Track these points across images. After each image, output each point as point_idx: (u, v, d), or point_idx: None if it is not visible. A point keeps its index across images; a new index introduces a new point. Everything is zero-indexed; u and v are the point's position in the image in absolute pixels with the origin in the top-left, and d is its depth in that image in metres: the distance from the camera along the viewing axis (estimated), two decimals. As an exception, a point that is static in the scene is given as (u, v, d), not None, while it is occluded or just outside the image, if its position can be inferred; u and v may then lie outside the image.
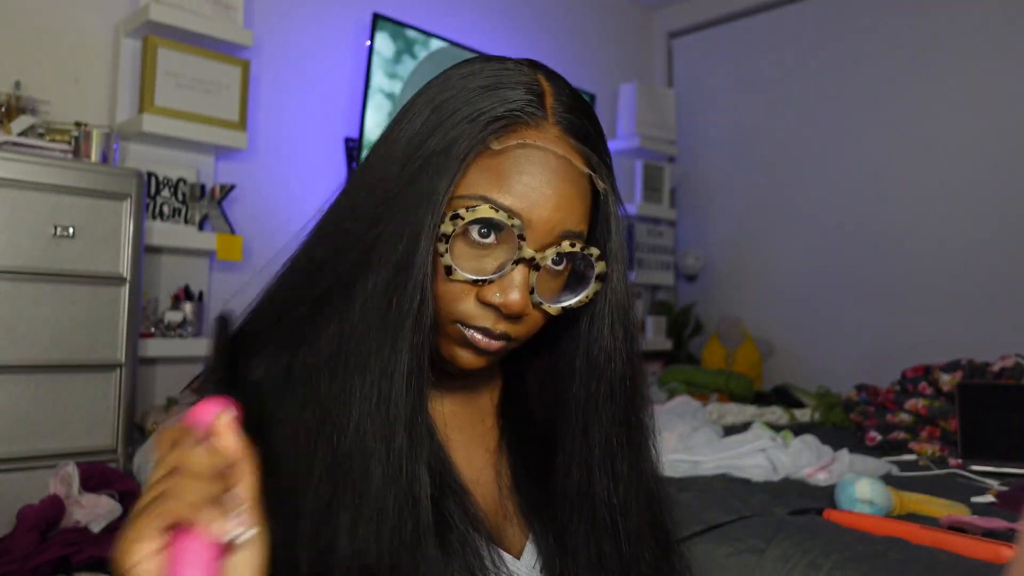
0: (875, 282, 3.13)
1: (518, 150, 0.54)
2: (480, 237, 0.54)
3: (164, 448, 0.41)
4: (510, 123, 0.54)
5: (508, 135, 0.54)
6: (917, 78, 3.07)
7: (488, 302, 0.55)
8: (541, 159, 0.54)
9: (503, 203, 0.54)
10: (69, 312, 1.79)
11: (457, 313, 0.55)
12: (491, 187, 0.54)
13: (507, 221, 0.53)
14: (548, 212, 0.54)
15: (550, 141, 0.55)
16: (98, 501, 1.61)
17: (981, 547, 1.07)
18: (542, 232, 0.54)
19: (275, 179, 2.53)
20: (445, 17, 3.05)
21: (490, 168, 0.54)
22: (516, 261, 0.54)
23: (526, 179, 0.54)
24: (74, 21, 2.18)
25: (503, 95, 0.55)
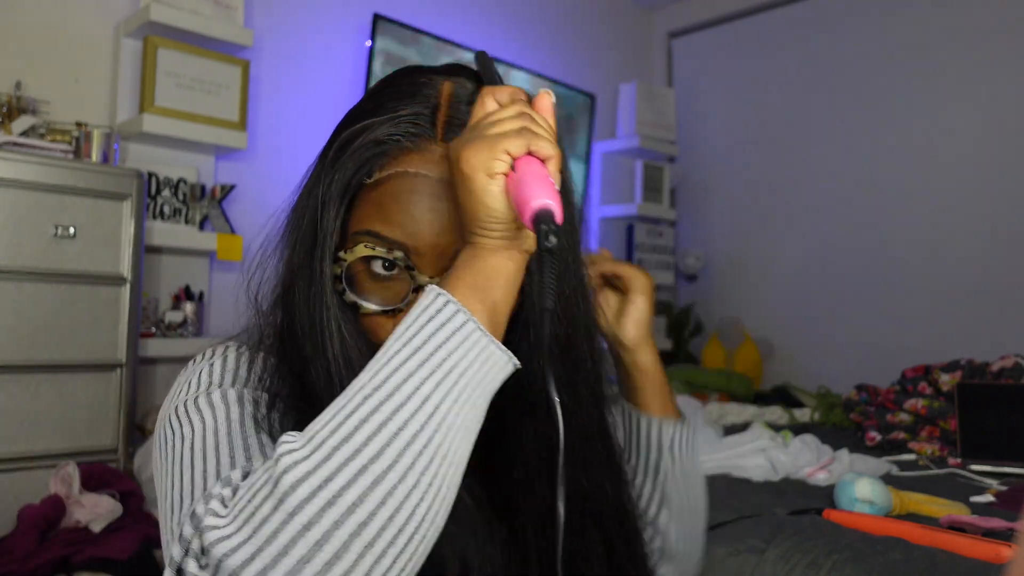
0: (875, 282, 3.13)
1: (396, 179, 0.55)
2: (382, 270, 0.56)
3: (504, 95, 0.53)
4: (388, 149, 0.55)
5: (387, 164, 0.56)
6: (917, 78, 3.07)
7: None
8: (420, 185, 0.55)
9: (387, 235, 0.55)
10: (69, 312, 1.79)
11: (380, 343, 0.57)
12: (376, 221, 0.55)
13: (387, 256, 0.55)
14: (433, 237, 0.55)
15: (431, 164, 0.55)
16: (98, 501, 1.61)
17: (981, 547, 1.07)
18: (433, 256, 0.55)
19: (275, 179, 2.53)
20: (445, 17, 3.05)
21: (373, 201, 0.56)
22: (415, 289, 0.56)
23: (406, 208, 0.55)
24: (74, 21, 2.18)
25: (392, 116, 0.56)
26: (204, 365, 0.59)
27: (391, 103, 0.57)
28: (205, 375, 0.57)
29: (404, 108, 0.56)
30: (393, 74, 0.62)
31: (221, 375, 0.57)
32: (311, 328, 0.57)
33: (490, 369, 0.47)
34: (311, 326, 0.57)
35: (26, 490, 1.68)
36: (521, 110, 0.51)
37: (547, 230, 0.46)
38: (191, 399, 0.55)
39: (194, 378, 0.58)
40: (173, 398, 0.57)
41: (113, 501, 1.63)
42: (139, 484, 1.80)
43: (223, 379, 0.57)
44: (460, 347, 0.46)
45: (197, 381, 0.57)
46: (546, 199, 0.47)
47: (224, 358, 0.59)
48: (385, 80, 0.62)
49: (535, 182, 0.48)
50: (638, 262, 3.53)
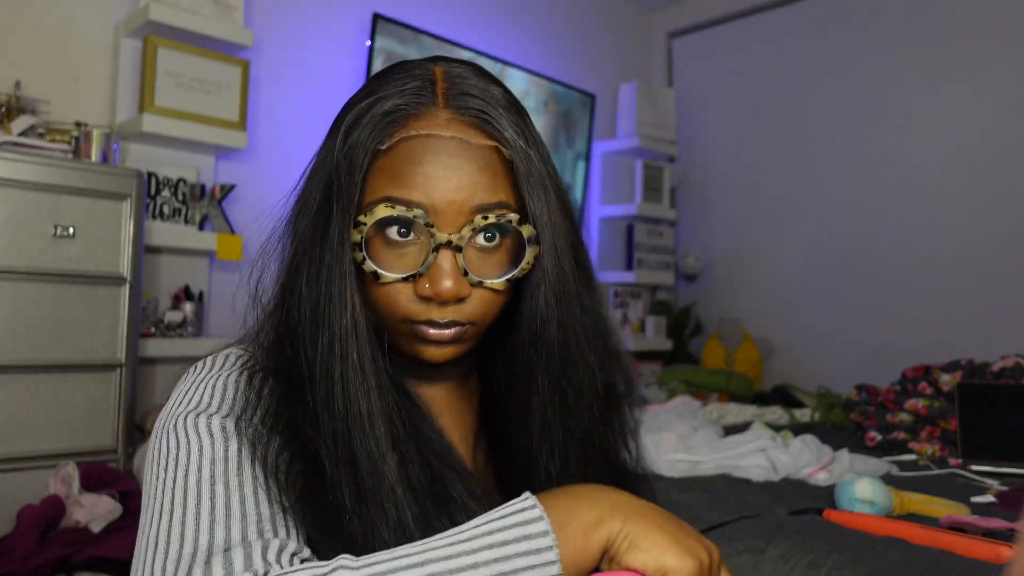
0: (875, 282, 3.13)
1: (405, 143, 0.56)
2: (398, 236, 0.56)
3: None
4: (397, 118, 0.56)
5: (397, 130, 0.56)
6: (917, 78, 3.07)
7: (422, 295, 0.56)
8: (431, 145, 0.55)
9: (404, 197, 0.55)
10: (69, 312, 1.79)
11: (400, 313, 0.57)
12: (390, 186, 0.56)
13: (407, 214, 0.55)
14: (450, 194, 0.55)
15: (438, 126, 0.56)
16: (98, 501, 1.61)
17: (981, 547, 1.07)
18: (451, 214, 0.55)
19: (275, 179, 2.53)
20: (445, 17, 3.05)
21: (385, 168, 0.56)
22: (435, 249, 0.56)
23: (419, 168, 0.55)
24: (74, 21, 2.18)
25: (394, 92, 0.57)
26: (206, 384, 0.58)
27: (389, 84, 0.58)
28: (206, 396, 0.57)
29: (404, 83, 0.58)
30: (384, 68, 0.63)
31: (220, 400, 0.57)
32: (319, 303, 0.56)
33: None
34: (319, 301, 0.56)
35: (26, 490, 1.68)
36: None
37: None
38: (193, 416, 0.55)
39: (195, 395, 0.57)
40: (172, 408, 0.57)
41: (113, 501, 1.63)
42: (139, 484, 1.80)
43: (221, 405, 0.56)
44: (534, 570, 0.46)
45: (198, 400, 0.57)
46: None
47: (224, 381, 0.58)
48: (378, 72, 0.63)
49: None
50: (638, 262, 3.53)
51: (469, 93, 0.58)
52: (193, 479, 0.51)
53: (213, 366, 0.60)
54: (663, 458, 1.63)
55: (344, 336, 0.55)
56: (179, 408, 0.56)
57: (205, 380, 0.58)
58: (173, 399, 0.58)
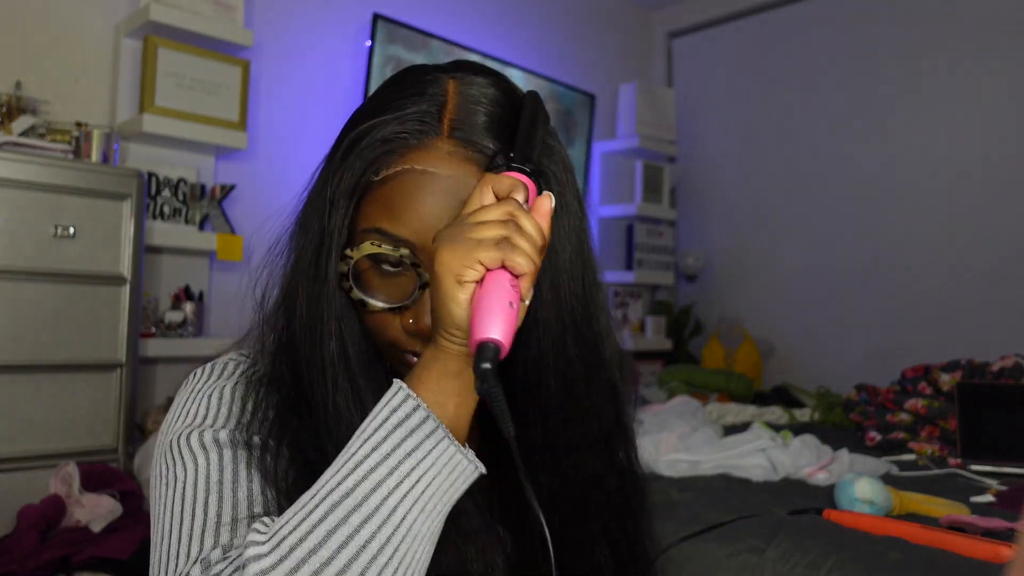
0: (875, 282, 3.13)
1: (402, 176, 0.54)
2: (390, 265, 0.56)
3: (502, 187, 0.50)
4: (396, 147, 0.55)
5: (394, 161, 0.55)
6: (918, 78, 3.07)
7: (407, 329, 0.56)
8: (425, 183, 0.54)
9: (393, 233, 0.54)
10: (69, 312, 1.79)
11: (387, 340, 0.58)
12: (383, 218, 0.55)
13: (393, 254, 0.54)
14: None
15: (437, 161, 0.54)
16: (98, 501, 1.61)
17: (981, 547, 1.07)
18: None
19: (275, 179, 2.53)
20: (445, 17, 3.05)
21: (379, 198, 0.55)
22: (421, 287, 0.55)
23: (412, 205, 0.54)
24: (74, 21, 2.18)
25: (398, 115, 0.55)
26: (203, 396, 0.58)
27: (397, 102, 0.56)
28: (202, 408, 0.57)
29: (410, 106, 0.55)
30: (399, 73, 0.61)
31: (216, 412, 0.57)
32: (310, 327, 0.57)
33: (457, 478, 0.48)
34: (311, 324, 0.57)
35: (26, 490, 1.68)
36: (510, 213, 0.49)
37: (483, 370, 0.45)
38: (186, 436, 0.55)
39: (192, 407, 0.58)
40: (170, 425, 0.58)
41: (113, 501, 1.63)
42: (139, 484, 1.80)
43: (216, 418, 0.57)
44: (428, 456, 0.46)
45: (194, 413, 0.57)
46: (493, 332, 0.45)
47: (221, 392, 0.59)
48: (390, 79, 0.61)
49: (493, 307, 0.46)
50: (638, 262, 3.54)
51: (477, 122, 0.55)
52: (189, 495, 0.52)
53: (211, 375, 0.60)
54: (663, 458, 1.63)
55: (333, 367, 0.56)
56: (176, 424, 0.57)
57: (202, 392, 0.59)
58: (172, 413, 0.59)
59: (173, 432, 0.56)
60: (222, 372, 0.61)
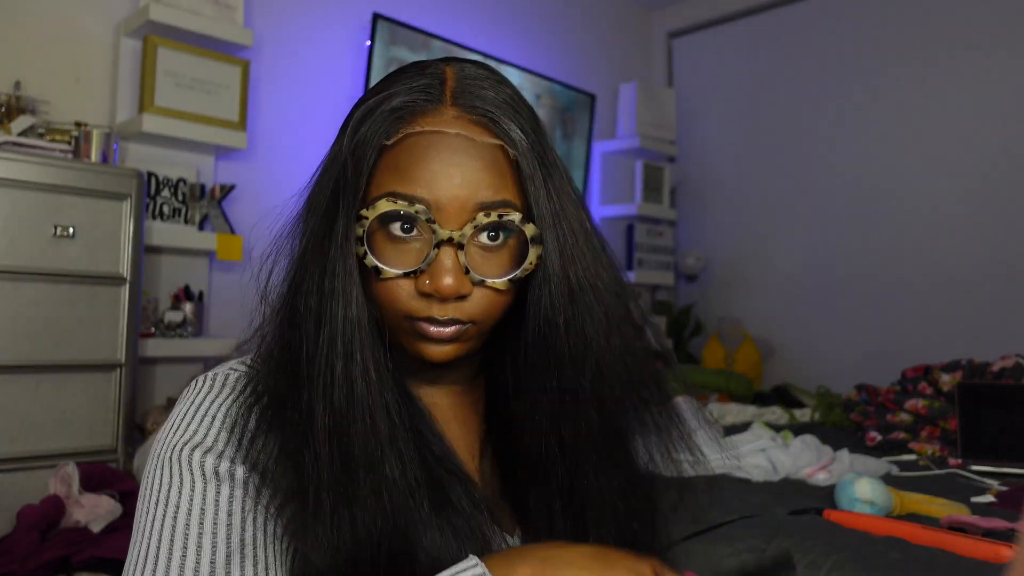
0: (875, 282, 3.13)
1: (411, 139, 0.56)
2: (401, 232, 0.56)
3: None
4: (404, 115, 0.56)
5: (403, 126, 0.56)
6: (918, 78, 3.07)
7: (423, 292, 0.56)
8: (436, 142, 0.55)
9: (407, 192, 0.55)
10: (69, 312, 1.79)
11: (401, 309, 0.57)
12: (395, 182, 0.56)
13: (409, 209, 0.55)
14: (453, 190, 0.55)
15: (444, 123, 0.56)
16: (98, 501, 1.61)
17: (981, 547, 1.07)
18: (453, 211, 0.55)
19: (275, 179, 2.53)
20: (445, 17, 3.05)
21: (390, 164, 0.56)
22: (436, 245, 0.55)
23: (424, 164, 0.55)
24: (74, 21, 2.18)
25: (403, 90, 0.57)
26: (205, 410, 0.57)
27: (398, 83, 0.59)
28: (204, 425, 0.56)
29: (413, 83, 0.58)
30: (397, 68, 0.63)
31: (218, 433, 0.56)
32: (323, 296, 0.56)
33: None
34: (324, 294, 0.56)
35: (26, 490, 1.68)
36: None
37: None
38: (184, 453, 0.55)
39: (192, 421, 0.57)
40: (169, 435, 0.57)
41: (113, 501, 1.63)
42: (139, 484, 1.79)
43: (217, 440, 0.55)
44: None
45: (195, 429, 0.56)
46: None
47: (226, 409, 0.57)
48: (390, 72, 0.63)
49: None
50: (638, 262, 3.53)
51: (477, 93, 0.58)
52: (181, 526, 0.52)
53: (212, 387, 0.59)
54: None
55: (347, 331, 0.55)
56: (175, 436, 0.56)
57: (203, 405, 0.58)
58: (171, 422, 0.58)
59: (172, 443, 0.56)
60: (223, 386, 0.59)
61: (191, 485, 0.53)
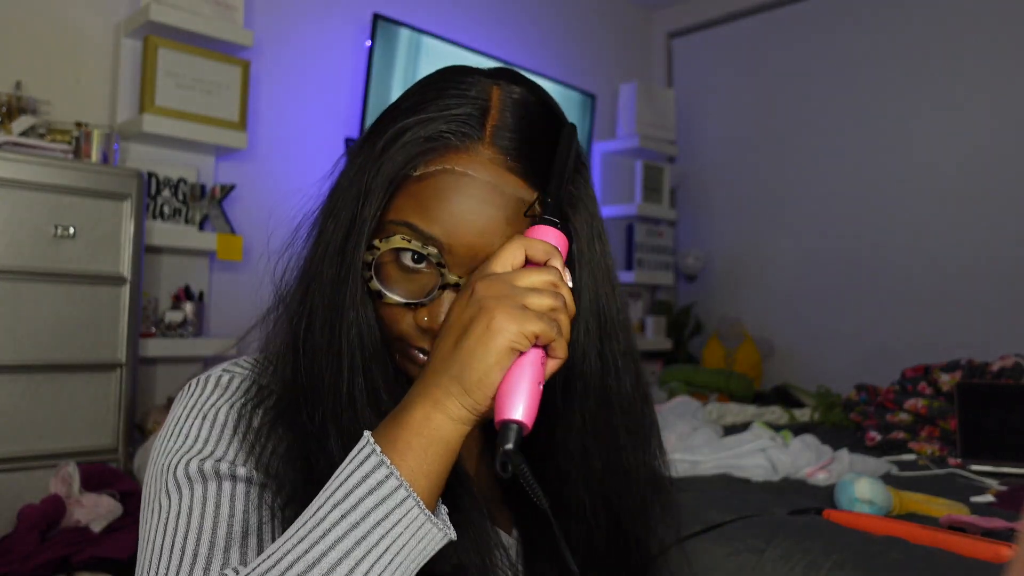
0: (875, 282, 3.13)
1: (441, 176, 0.54)
2: (412, 261, 0.56)
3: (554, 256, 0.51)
4: (437, 147, 0.55)
5: (434, 160, 0.55)
6: (917, 78, 3.07)
7: (420, 325, 0.56)
8: (464, 185, 0.54)
9: (424, 230, 0.54)
10: (69, 312, 1.79)
11: (397, 333, 0.57)
12: (415, 213, 0.55)
13: (421, 250, 0.54)
14: (471, 238, 0.54)
15: (478, 166, 0.54)
16: (98, 501, 1.61)
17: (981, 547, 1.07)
18: (466, 257, 0.55)
19: (275, 179, 2.53)
20: (445, 17, 3.05)
21: (415, 194, 0.55)
22: (442, 287, 0.55)
23: (446, 206, 0.54)
24: (74, 21, 2.18)
25: (443, 114, 0.55)
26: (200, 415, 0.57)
27: (439, 100, 0.57)
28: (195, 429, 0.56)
29: (454, 108, 0.56)
30: (438, 72, 0.61)
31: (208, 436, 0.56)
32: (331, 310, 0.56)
33: (426, 545, 0.47)
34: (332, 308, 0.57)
35: (26, 490, 1.68)
36: (556, 286, 0.50)
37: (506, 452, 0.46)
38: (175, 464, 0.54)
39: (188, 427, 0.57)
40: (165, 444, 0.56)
41: (113, 501, 1.63)
42: (139, 484, 1.80)
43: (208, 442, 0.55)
44: (397, 526, 0.46)
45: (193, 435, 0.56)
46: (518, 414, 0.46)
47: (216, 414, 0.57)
48: (430, 78, 0.61)
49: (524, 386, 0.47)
50: (638, 262, 3.53)
51: (519, 129, 0.56)
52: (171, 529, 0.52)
53: (205, 389, 0.59)
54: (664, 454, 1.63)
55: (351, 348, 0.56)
56: (169, 444, 0.56)
57: (199, 409, 0.58)
58: (167, 428, 0.58)
59: (165, 454, 0.56)
60: (215, 387, 0.59)
61: (179, 492, 0.53)
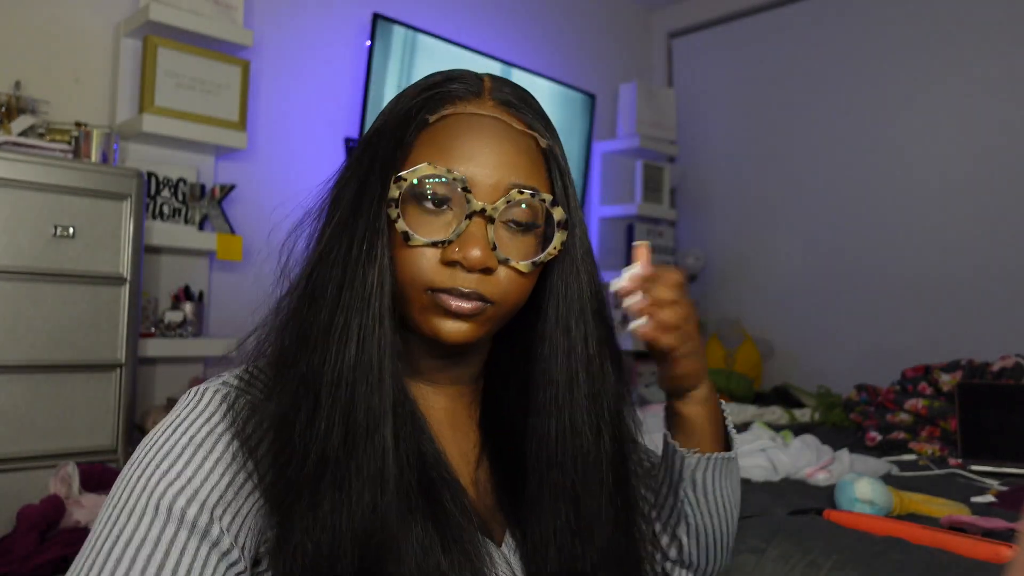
0: (875, 282, 3.13)
1: (452, 119, 0.59)
2: (432, 205, 0.57)
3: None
4: (445, 96, 0.60)
5: (443, 106, 0.59)
6: (917, 78, 3.07)
7: (450, 260, 0.56)
8: (477, 123, 0.59)
9: (445, 167, 0.57)
10: (69, 312, 1.79)
11: (424, 279, 0.57)
12: (432, 156, 0.58)
13: (447, 176, 0.56)
14: (489, 168, 0.57)
15: (484, 109, 0.60)
16: (98, 501, 1.61)
17: (981, 547, 1.06)
18: (488, 187, 0.57)
19: (275, 179, 2.53)
20: (445, 17, 3.05)
21: (429, 141, 0.58)
22: (468, 216, 0.56)
23: (462, 141, 0.58)
24: (74, 21, 2.18)
25: (443, 80, 0.61)
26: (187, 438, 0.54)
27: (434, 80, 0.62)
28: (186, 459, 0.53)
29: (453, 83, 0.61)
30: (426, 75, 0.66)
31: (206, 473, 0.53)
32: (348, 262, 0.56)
33: None
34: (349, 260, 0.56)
35: (26, 490, 1.68)
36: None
37: None
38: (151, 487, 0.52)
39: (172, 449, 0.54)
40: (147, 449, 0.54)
41: (113, 501, 1.63)
42: (139, 484, 1.79)
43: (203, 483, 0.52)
44: None
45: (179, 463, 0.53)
46: None
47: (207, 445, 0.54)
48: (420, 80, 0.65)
49: None
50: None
51: (513, 96, 0.62)
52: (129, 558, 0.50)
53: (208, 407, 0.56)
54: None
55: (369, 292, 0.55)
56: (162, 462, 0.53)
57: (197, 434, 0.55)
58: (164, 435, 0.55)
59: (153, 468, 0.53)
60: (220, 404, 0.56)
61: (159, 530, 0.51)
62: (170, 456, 0.53)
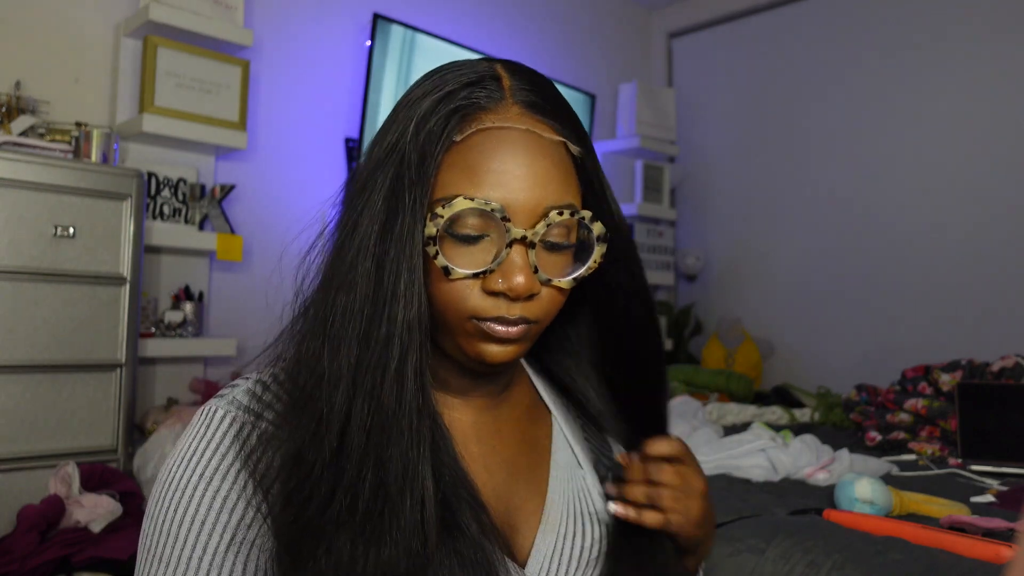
0: (875, 282, 3.13)
1: (479, 136, 0.55)
2: (470, 232, 0.55)
3: None
4: (468, 111, 0.55)
5: (467, 124, 0.55)
6: (916, 78, 3.07)
7: (494, 290, 0.55)
8: (505, 140, 0.54)
9: (479, 195, 0.54)
10: (69, 312, 1.79)
11: (468, 310, 0.55)
12: (464, 183, 0.54)
13: (485, 207, 0.53)
14: (526, 192, 0.54)
15: (511, 119, 0.55)
16: (98, 501, 1.61)
17: (981, 547, 1.06)
18: (526, 212, 0.54)
19: (275, 179, 2.53)
20: (445, 17, 3.05)
21: (458, 164, 0.55)
22: (509, 244, 0.54)
23: (495, 165, 0.54)
24: (74, 21, 2.18)
25: (460, 86, 0.56)
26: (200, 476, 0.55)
27: (448, 75, 0.57)
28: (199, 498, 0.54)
29: (467, 76, 0.57)
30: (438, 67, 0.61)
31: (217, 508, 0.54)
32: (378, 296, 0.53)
33: None
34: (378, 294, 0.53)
35: (26, 490, 1.68)
36: None
37: None
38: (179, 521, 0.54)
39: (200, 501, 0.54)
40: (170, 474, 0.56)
41: (113, 501, 1.63)
42: (139, 484, 1.80)
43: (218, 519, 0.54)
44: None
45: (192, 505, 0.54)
46: None
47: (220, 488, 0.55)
48: (434, 69, 0.61)
49: None
50: (638, 262, 3.53)
51: (533, 90, 0.57)
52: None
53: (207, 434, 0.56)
54: None
55: (404, 331, 0.53)
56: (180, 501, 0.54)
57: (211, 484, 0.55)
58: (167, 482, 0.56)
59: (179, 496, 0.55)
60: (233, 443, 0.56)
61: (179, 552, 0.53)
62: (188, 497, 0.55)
